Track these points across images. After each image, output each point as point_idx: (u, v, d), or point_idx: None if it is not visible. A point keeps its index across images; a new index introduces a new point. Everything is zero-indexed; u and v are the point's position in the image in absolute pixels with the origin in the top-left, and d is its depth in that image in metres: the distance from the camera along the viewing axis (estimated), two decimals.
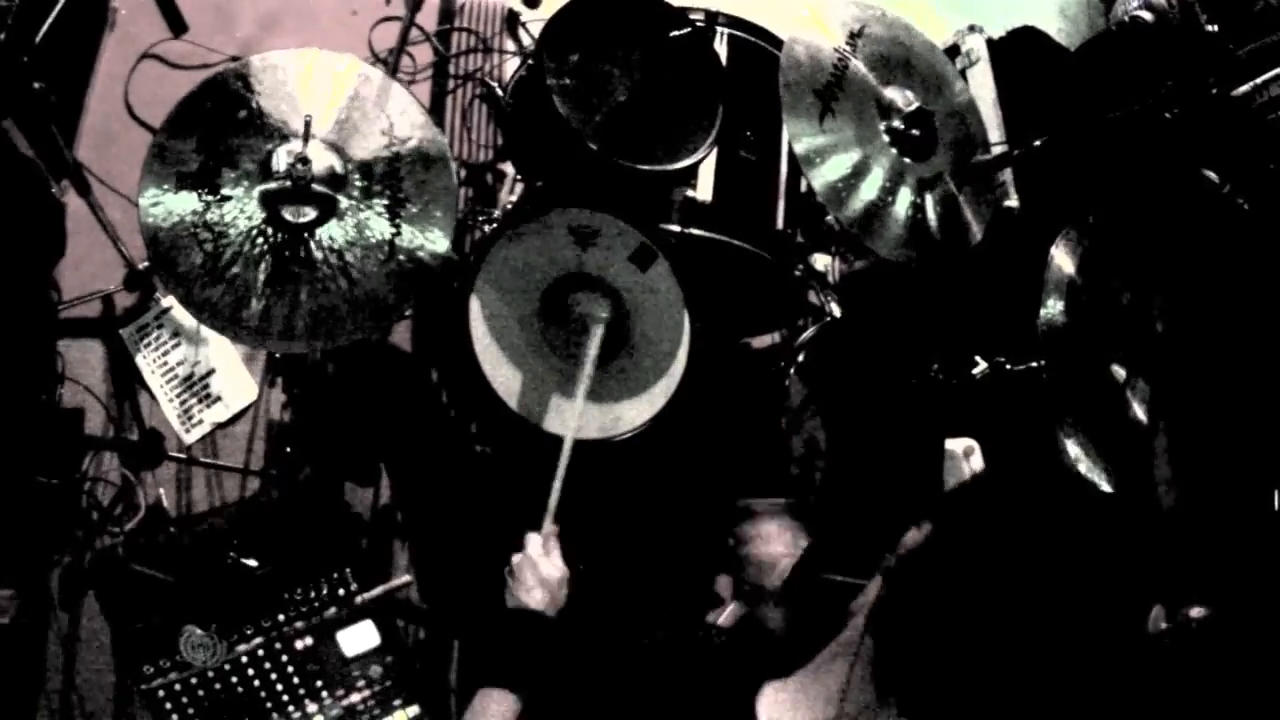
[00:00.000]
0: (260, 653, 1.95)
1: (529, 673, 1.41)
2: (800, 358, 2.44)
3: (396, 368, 2.45)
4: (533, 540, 1.60)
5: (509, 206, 2.36)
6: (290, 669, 1.95)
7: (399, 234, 1.69)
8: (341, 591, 2.03)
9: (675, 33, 2.09)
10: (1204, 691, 0.85)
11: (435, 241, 1.71)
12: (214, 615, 1.95)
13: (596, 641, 1.37)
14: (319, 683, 1.95)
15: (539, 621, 1.51)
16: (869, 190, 1.91)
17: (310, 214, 1.67)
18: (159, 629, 1.92)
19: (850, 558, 1.89)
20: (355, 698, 1.96)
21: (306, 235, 1.67)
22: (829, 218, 2.29)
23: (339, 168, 1.69)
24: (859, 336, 2.48)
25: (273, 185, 1.65)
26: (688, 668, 1.15)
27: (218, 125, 1.65)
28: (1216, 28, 2.33)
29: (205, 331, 2.39)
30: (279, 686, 1.93)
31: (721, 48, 2.24)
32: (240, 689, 1.92)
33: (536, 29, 2.42)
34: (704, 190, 2.17)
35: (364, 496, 2.38)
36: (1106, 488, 1.97)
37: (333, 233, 1.68)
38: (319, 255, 1.65)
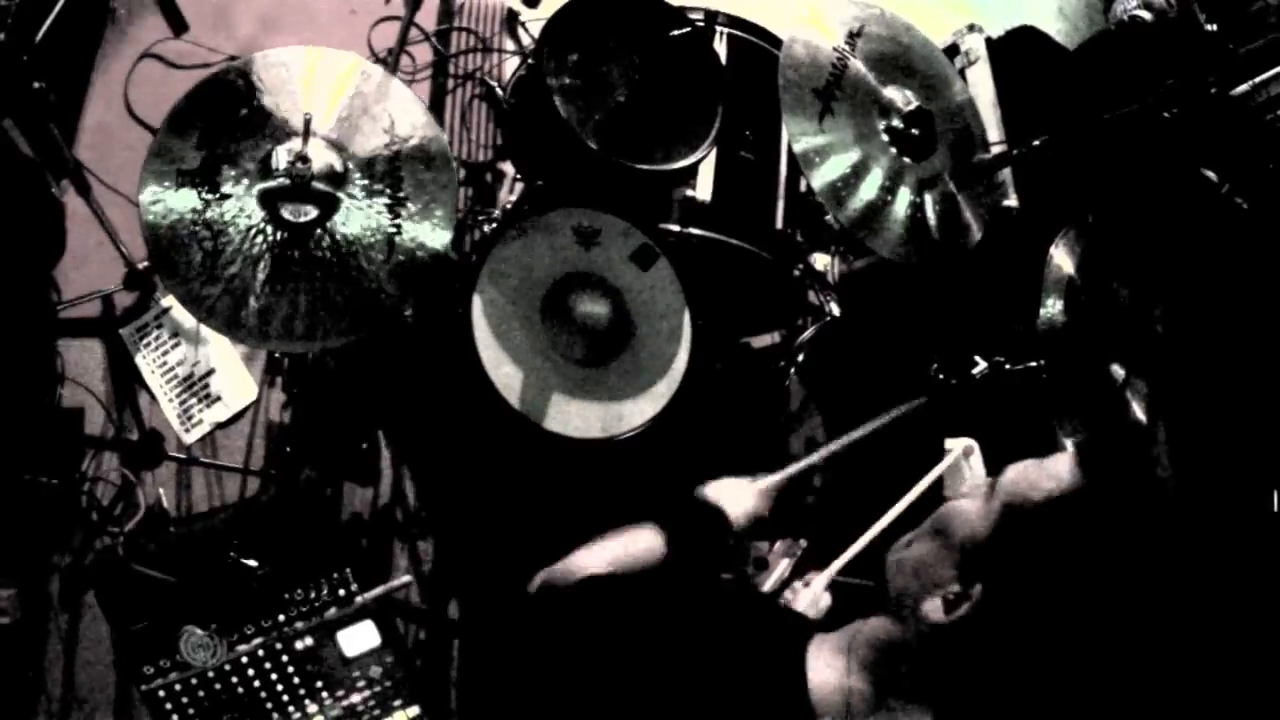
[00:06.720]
0: (260, 653, 1.94)
1: (684, 546, 1.41)
2: (800, 358, 2.44)
3: (397, 367, 2.45)
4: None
5: (509, 206, 2.36)
6: (290, 669, 1.95)
7: (399, 232, 1.69)
8: (341, 591, 2.03)
9: (675, 32, 2.09)
10: (1204, 692, 0.85)
11: (436, 240, 1.71)
12: (214, 615, 1.94)
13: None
14: (319, 683, 1.95)
15: (716, 516, 1.49)
16: (868, 190, 1.92)
17: (310, 212, 1.66)
18: (159, 629, 1.92)
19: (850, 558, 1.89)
20: (355, 698, 1.96)
21: (306, 234, 1.66)
22: (828, 217, 2.29)
23: (339, 166, 1.68)
24: (858, 336, 2.48)
25: (273, 183, 1.65)
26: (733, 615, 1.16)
27: (219, 123, 1.65)
28: (1215, 27, 2.33)
29: (205, 331, 2.39)
30: (279, 687, 1.93)
31: (721, 47, 2.25)
32: (240, 689, 1.91)
33: (536, 29, 2.41)
34: (704, 190, 2.17)
35: (364, 496, 2.38)
36: None
37: (333, 231, 1.68)
38: (319, 254, 1.65)
